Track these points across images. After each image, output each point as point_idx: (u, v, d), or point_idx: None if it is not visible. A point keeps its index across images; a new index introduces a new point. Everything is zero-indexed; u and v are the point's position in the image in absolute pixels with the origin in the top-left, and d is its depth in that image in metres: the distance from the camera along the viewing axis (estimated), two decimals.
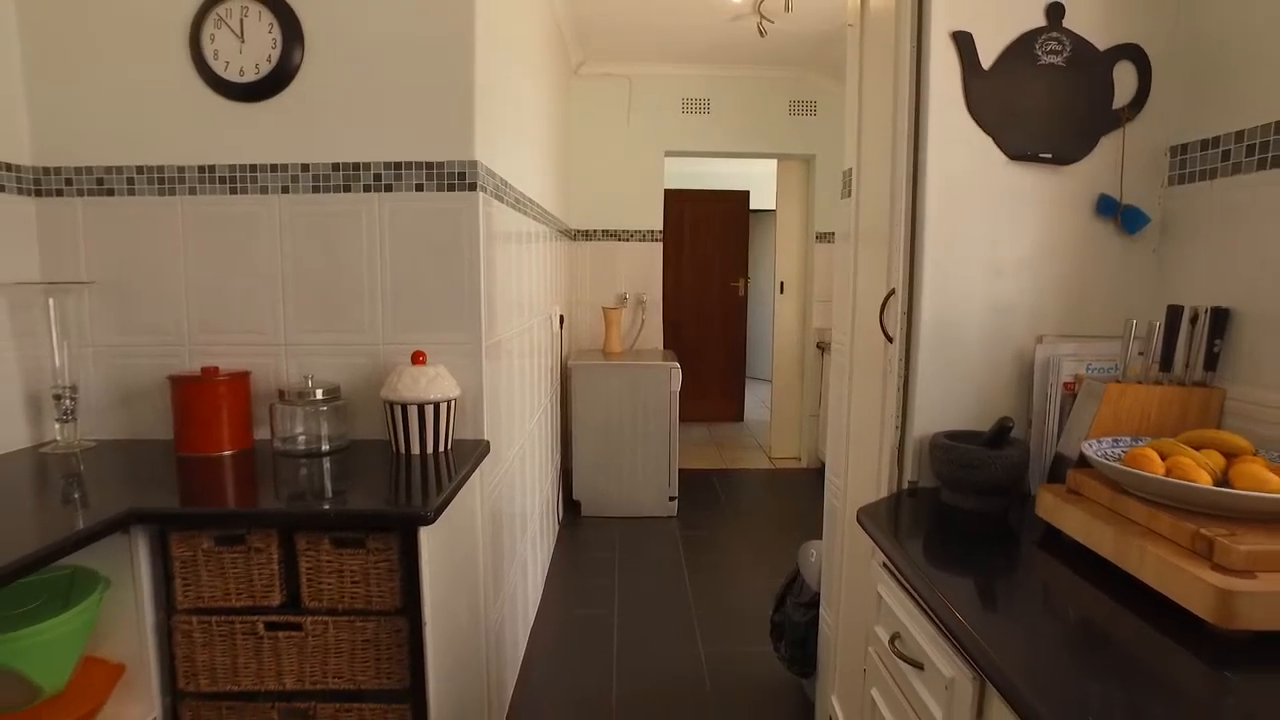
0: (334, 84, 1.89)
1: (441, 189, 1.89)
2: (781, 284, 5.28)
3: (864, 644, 1.46)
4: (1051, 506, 1.23)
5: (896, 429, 1.56)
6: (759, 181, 6.79)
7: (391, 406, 1.79)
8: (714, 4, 3.62)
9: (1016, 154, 1.46)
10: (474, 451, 1.85)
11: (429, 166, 1.88)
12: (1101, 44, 1.44)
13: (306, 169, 1.90)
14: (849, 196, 1.93)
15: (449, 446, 1.84)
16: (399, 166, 1.89)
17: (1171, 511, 1.03)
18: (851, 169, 1.92)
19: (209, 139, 1.90)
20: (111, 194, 1.92)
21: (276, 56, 1.87)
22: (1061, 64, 1.44)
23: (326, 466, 1.75)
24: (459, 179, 1.88)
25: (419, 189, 1.89)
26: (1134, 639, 0.94)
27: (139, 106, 1.90)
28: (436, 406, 1.78)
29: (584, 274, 4.76)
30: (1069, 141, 1.46)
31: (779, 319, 5.31)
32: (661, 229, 4.80)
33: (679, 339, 6.38)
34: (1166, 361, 1.34)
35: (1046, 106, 1.45)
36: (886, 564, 1.30)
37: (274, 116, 1.90)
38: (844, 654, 1.93)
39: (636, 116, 4.69)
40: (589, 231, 4.73)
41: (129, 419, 1.99)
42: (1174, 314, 1.33)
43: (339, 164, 1.90)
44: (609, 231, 4.75)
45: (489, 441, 1.96)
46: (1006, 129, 1.46)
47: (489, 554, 2.03)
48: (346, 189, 1.90)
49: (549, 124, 3.50)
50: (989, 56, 1.44)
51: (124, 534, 1.45)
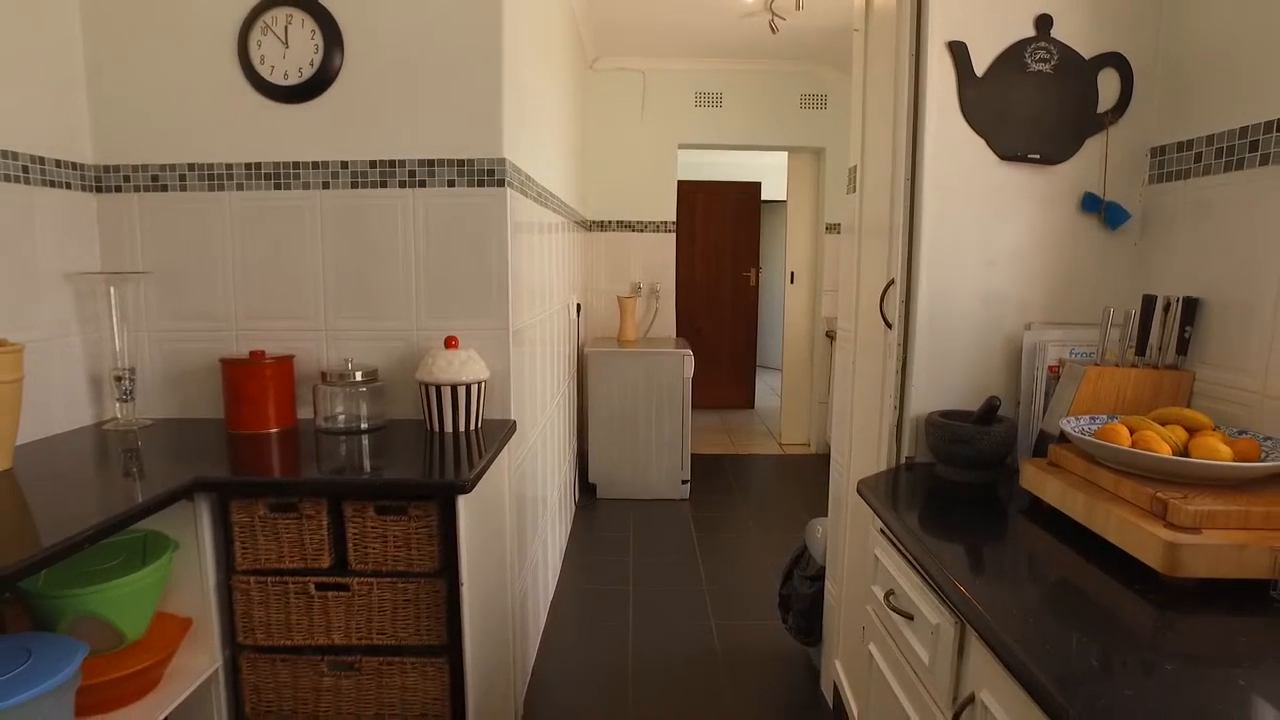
0: (371, 86, 2.02)
1: (472, 185, 2.02)
2: (792, 274, 5.39)
3: (864, 611, 1.59)
4: (1033, 477, 1.36)
5: (895, 408, 1.69)
6: (770, 172, 6.89)
7: (426, 387, 1.93)
8: (727, 2, 3.72)
9: (1007, 154, 1.58)
10: (502, 430, 1.98)
11: (460, 164, 2.02)
12: (1087, 53, 1.55)
13: (346, 166, 2.04)
14: (854, 192, 2.05)
15: (479, 425, 1.98)
16: (432, 164, 2.02)
17: (1136, 479, 1.16)
18: (856, 166, 2.04)
19: (255, 138, 2.04)
20: (165, 190, 2.07)
21: (318, 61, 2.00)
22: (1049, 71, 1.56)
23: (365, 443, 1.90)
24: (488, 175, 2.02)
25: (451, 185, 2.03)
26: (1096, 588, 1.07)
27: (191, 108, 2.04)
28: (468, 388, 1.92)
29: (599, 264, 4.89)
30: (1056, 143, 1.58)
31: (789, 308, 5.42)
32: (674, 220, 4.93)
33: (691, 328, 6.51)
34: (1141, 346, 1.46)
35: (1035, 110, 1.57)
36: (883, 530, 1.43)
37: (315, 117, 2.04)
38: (847, 622, 2.07)
39: (650, 110, 4.80)
40: (604, 222, 4.86)
41: (181, 399, 2.14)
42: (1149, 303, 1.46)
43: (376, 161, 2.04)
44: (623, 222, 4.88)
45: (515, 421, 2.10)
46: (998, 131, 1.57)
47: (514, 527, 2.18)
48: (383, 185, 2.04)
49: (566, 118, 3.62)
50: (982, 64, 1.56)
51: (189, 501, 1.60)
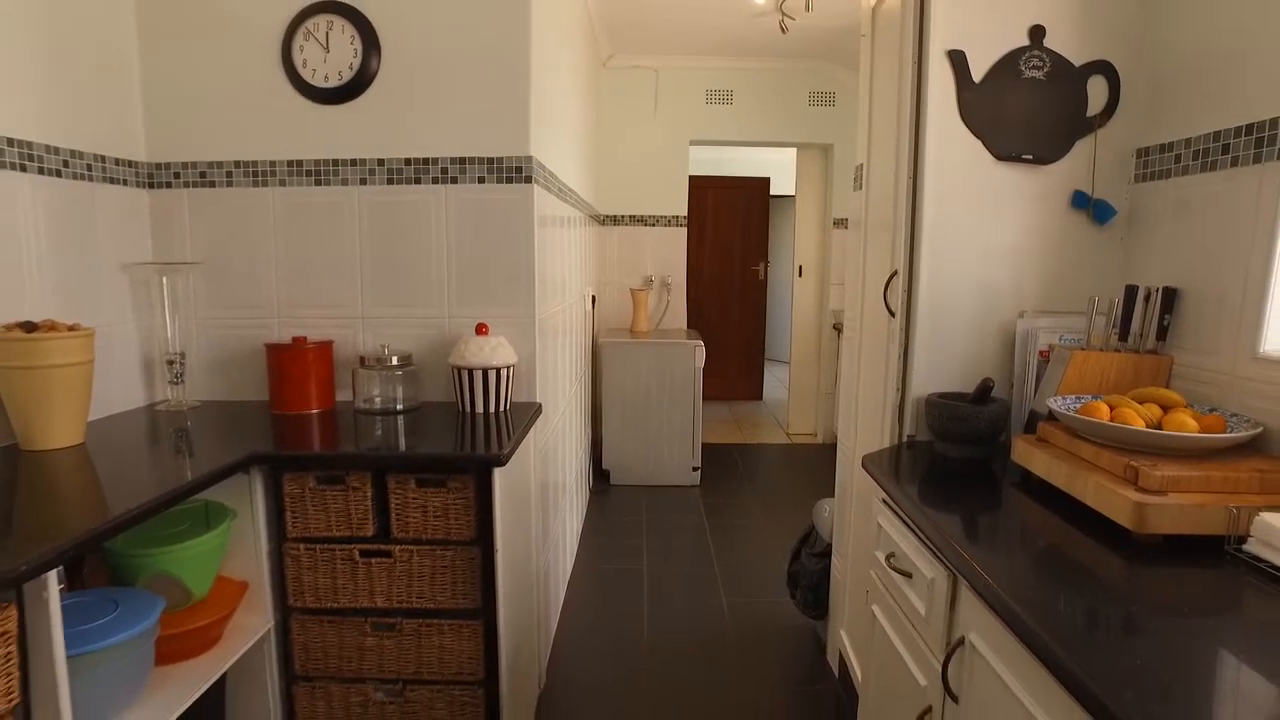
0: (406, 88, 2.15)
1: (500, 181, 2.15)
2: (800, 267, 5.51)
3: (868, 577, 1.72)
4: (1023, 451, 1.48)
5: (897, 390, 1.81)
6: (779, 168, 6.99)
7: (459, 371, 2.06)
8: (738, 2, 3.84)
9: (1003, 155, 1.70)
10: (529, 411, 2.12)
11: (490, 162, 2.15)
12: (1077, 60, 1.67)
13: (382, 163, 2.17)
14: (860, 189, 2.17)
15: (508, 407, 2.12)
16: (463, 161, 2.15)
17: (1113, 450, 1.29)
18: (863, 164, 2.16)
19: (297, 137, 2.18)
20: (213, 186, 2.20)
21: (357, 65, 2.14)
22: (1042, 78, 1.68)
23: (401, 422, 2.03)
24: (516, 173, 2.15)
25: (481, 181, 2.16)
26: (1075, 545, 1.20)
27: (237, 110, 2.17)
28: (498, 371, 2.06)
29: (612, 257, 5.02)
30: (1048, 144, 1.70)
31: (797, 301, 5.54)
32: (686, 214, 5.05)
33: (701, 320, 6.64)
34: (1124, 333, 1.59)
35: (1029, 114, 1.69)
36: (885, 499, 1.56)
37: (354, 117, 2.17)
38: (852, 594, 2.20)
39: (663, 107, 4.93)
40: (617, 217, 4.99)
41: (226, 382, 2.28)
42: (1131, 292, 1.58)
43: (410, 159, 2.17)
44: (636, 217, 5.00)
45: (540, 404, 2.24)
46: (994, 133, 1.70)
47: (539, 503, 2.32)
48: (417, 181, 2.17)
49: (582, 115, 3.75)
50: (979, 71, 1.68)
51: (245, 474, 1.73)
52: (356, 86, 2.15)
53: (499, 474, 1.74)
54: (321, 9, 2.11)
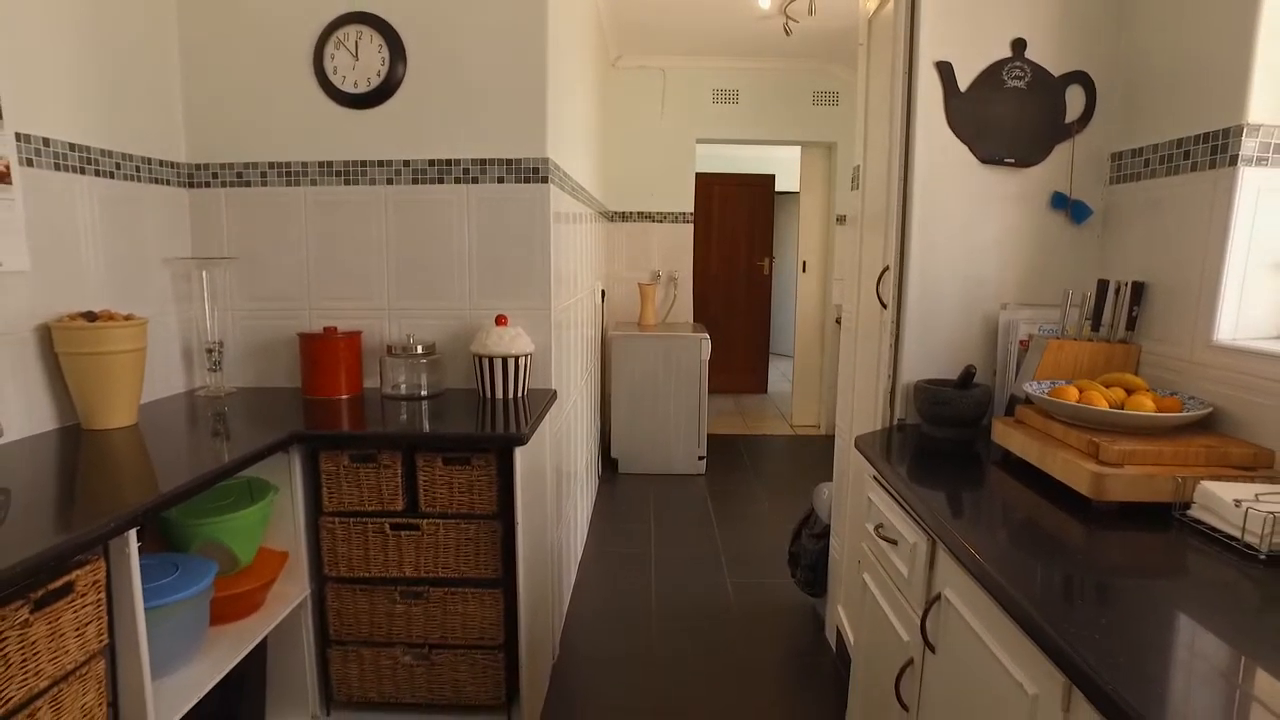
0: (430, 94, 2.29)
1: (519, 181, 2.29)
2: (804, 263, 5.64)
3: (861, 549, 1.86)
4: (1001, 432, 1.62)
5: (889, 377, 1.95)
6: (783, 165, 7.12)
7: (480, 359, 2.20)
8: (743, 6, 3.96)
9: (987, 158, 1.83)
10: (545, 398, 2.26)
11: (509, 163, 2.29)
12: (1056, 71, 1.80)
13: (408, 164, 2.31)
14: (857, 189, 2.31)
15: (525, 393, 2.26)
16: (484, 163, 2.29)
17: (1080, 429, 1.42)
18: (859, 165, 2.29)
19: (328, 140, 2.32)
20: (248, 185, 2.35)
21: (384, 72, 2.28)
22: (1024, 87, 1.81)
23: (426, 407, 2.17)
24: (533, 173, 2.29)
25: (500, 181, 2.30)
26: (1042, 513, 1.33)
27: (271, 113, 2.32)
28: (517, 360, 2.20)
29: (620, 252, 5.16)
30: (1029, 149, 1.83)
31: (801, 296, 5.67)
32: (692, 211, 5.18)
33: (707, 314, 6.77)
34: (1097, 323, 1.72)
35: (1011, 121, 1.82)
36: (875, 476, 1.69)
37: (381, 121, 2.31)
38: (848, 572, 2.34)
39: (670, 106, 5.06)
40: (625, 213, 5.12)
41: (260, 369, 2.43)
42: (1102, 286, 1.71)
43: (434, 160, 2.31)
44: (643, 213, 5.14)
45: (555, 391, 2.38)
46: (979, 138, 1.83)
47: (553, 483, 2.46)
48: (440, 181, 2.31)
49: (592, 113, 3.89)
50: (965, 80, 1.81)
51: (285, 452, 1.88)
52: (384, 92, 2.29)
53: (519, 453, 1.88)
54: (351, 20, 2.25)
